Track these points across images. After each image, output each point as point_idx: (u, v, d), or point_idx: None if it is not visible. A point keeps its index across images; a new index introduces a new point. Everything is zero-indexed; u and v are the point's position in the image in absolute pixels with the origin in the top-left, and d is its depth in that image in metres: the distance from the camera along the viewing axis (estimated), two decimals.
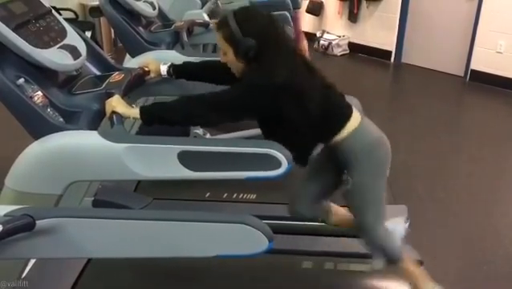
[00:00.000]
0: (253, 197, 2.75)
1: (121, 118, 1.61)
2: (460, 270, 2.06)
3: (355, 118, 1.81)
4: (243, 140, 1.70)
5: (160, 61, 2.04)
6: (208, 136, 3.44)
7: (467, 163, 3.95)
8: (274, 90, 1.65)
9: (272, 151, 1.44)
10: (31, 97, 1.57)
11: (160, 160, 1.46)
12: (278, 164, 1.44)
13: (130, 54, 2.68)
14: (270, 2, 4.01)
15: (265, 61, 1.68)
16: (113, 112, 1.61)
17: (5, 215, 1.10)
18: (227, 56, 1.74)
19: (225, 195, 2.76)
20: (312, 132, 1.79)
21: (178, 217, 1.19)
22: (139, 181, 2.77)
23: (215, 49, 3.52)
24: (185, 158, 1.44)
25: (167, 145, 1.46)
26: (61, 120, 1.62)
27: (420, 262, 2.25)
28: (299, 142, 1.77)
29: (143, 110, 1.65)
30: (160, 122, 1.67)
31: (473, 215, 3.18)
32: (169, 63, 2.02)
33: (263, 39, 1.67)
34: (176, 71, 2.01)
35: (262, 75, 1.66)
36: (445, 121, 4.87)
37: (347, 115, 1.80)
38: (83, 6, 6.10)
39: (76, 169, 1.50)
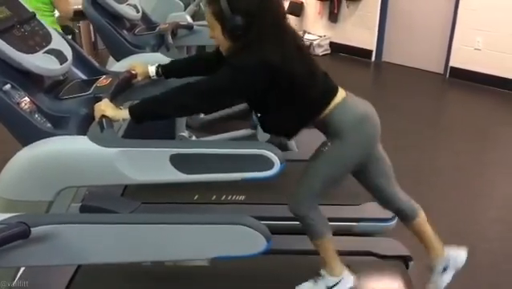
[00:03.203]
0: (241, 198, 2.74)
1: (111, 122, 1.59)
2: None
3: (340, 94, 1.84)
4: (235, 142, 1.71)
5: (146, 63, 2.02)
6: (193, 138, 3.42)
7: (449, 158, 4.02)
8: (262, 70, 1.64)
9: (264, 151, 1.44)
10: (18, 103, 1.54)
11: (152, 164, 1.44)
12: (270, 165, 1.44)
13: (115, 58, 2.65)
14: None
15: (253, 40, 1.65)
16: (102, 116, 1.59)
17: None
18: (214, 32, 1.72)
19: (214, 197, 2.74)
20: (300, 108, 1.79)
21: (176, 220, 1.19)
22: (126, 186, 2.75)
23: (200, 51, 3.52)
24: (178, 161, 1.43)
25: (159, 148, 1.44)
26: (49, 125, 1.60)
27: (410, 258, 2.29)
28: (286, 117, 1.78)
29: (132, 109, 1.64)
30: (151, 118, 1.65)
31: (457, 210, 3.24)
32: (156, 64, 2.00)
33: (252, 18, 1.64)
34: (165, 70, 1.99)
35: (249, 56, 1.64)
36: (427, 118, 4.95)
37: (333, 91, 1.83)
38: None
39: (67, 175, 1.47)
